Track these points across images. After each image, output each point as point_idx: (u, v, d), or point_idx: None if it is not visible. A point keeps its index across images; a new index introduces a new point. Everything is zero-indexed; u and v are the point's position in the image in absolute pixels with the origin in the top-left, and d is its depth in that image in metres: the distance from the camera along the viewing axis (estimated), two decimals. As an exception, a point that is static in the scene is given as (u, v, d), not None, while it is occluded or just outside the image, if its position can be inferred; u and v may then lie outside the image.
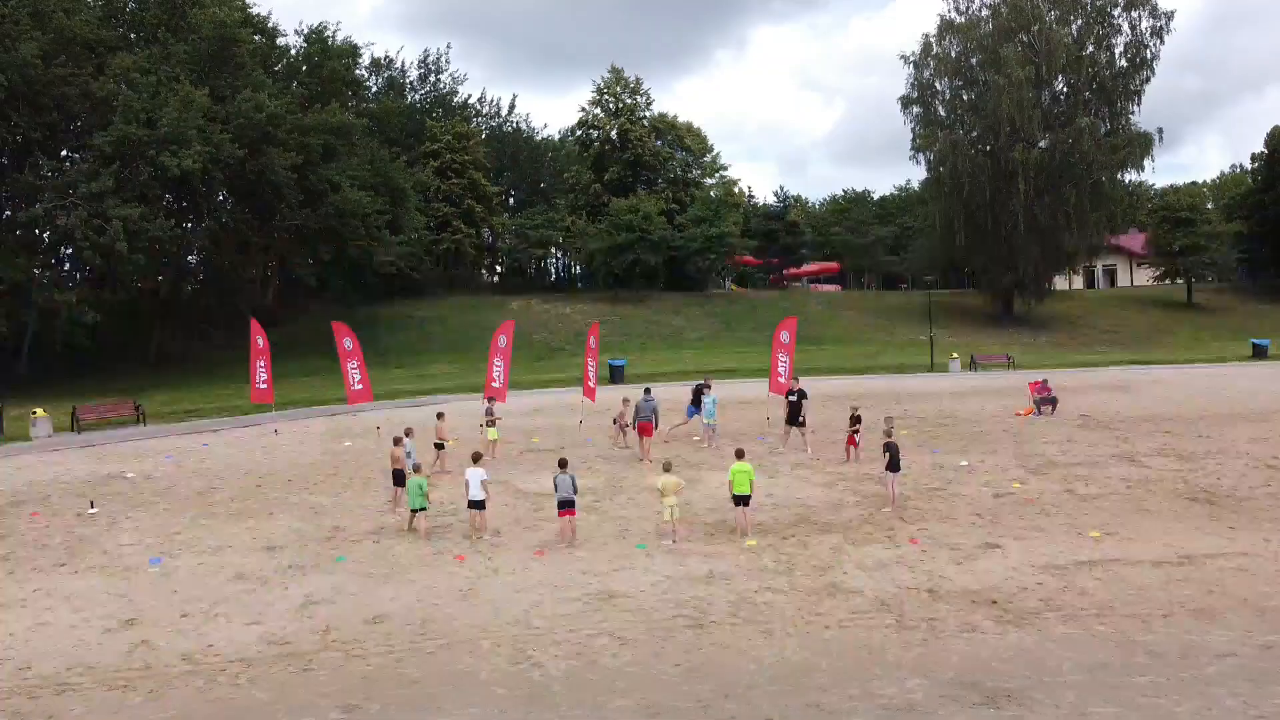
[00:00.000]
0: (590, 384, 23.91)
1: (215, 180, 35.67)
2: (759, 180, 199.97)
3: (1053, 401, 25.19)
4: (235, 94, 36.90)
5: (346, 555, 13.32)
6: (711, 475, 18.29)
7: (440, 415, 19.41)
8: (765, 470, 18.40)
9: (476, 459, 14.42)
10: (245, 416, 27.86)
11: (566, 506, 13.61)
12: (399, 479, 15.72)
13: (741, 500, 13.89)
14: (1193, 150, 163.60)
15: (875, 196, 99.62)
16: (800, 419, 20.64)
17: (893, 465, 15.45)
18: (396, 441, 16.23)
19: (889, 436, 15.99)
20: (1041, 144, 52.42)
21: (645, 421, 20.22)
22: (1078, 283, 74.16)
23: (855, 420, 19.47)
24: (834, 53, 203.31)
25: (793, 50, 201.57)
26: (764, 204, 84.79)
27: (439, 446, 18.98)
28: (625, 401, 21.67)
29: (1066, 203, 51.82)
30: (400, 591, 11.66)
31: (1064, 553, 12.68)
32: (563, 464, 13.91)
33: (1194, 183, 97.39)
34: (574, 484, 13.71)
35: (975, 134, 54.99)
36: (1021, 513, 14.93)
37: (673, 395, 32.66)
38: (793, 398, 20.64)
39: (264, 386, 24.00)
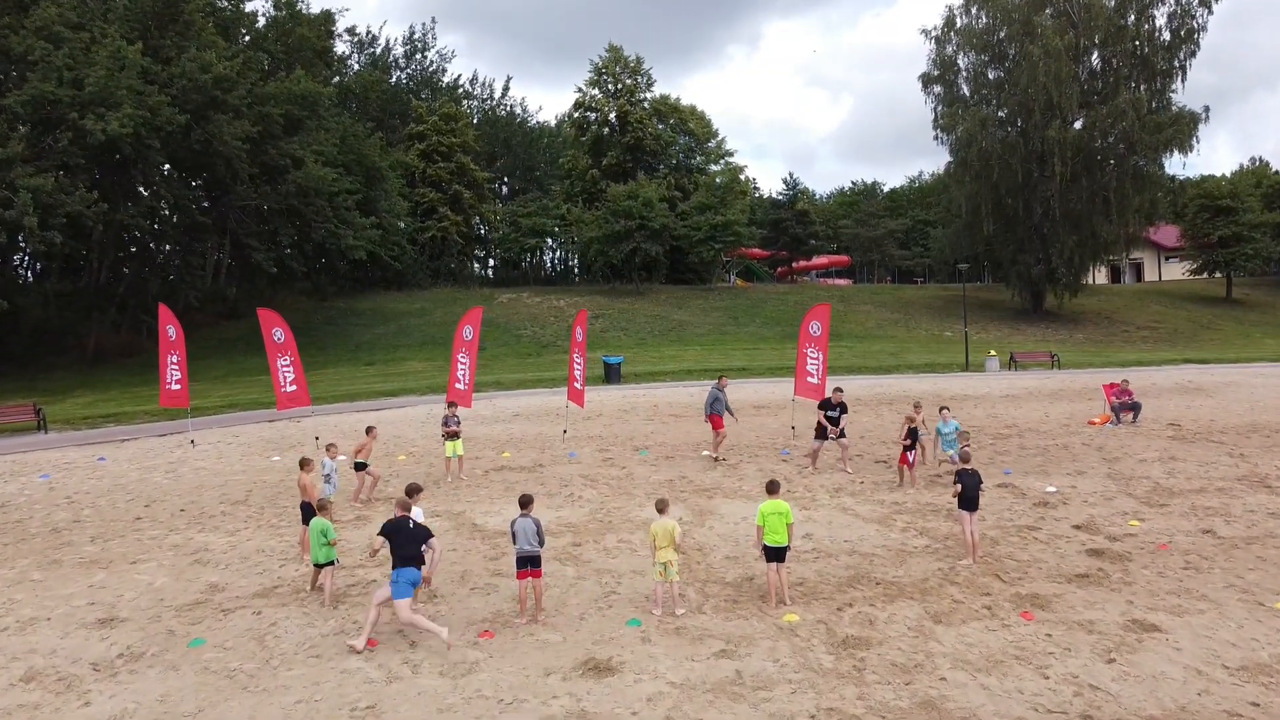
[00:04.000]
0: (577, 385, 19.72)
1: (151, 149, 31.32)
2: (765, 178, 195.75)
3: (1135, 408, 21.00)
4: (181, 54, 32.56)
5: (208, 636, 9.20)
6: (727, 505, 14.19)
7: (370, 430, 15.16)
8: (796, 498, 14.29)
9: (412, 493, 10.27)
10: (170, 422, 23.72)
11: (528, 564, 9.50)
12: (309, 514, 11.65)
13: (775, 554, 9.80)
14: (1204, 146, 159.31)
15: (886, 189, 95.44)
16: (835, 433, 16.47)
17: (968, 502, 11.29)
18: (305, 464, 12.07)
19: (965, 461, 11.82)
20: (1076, 124, 48.12)
21: (715, 414, 17.51)
22: (1101, 277, 69.91)
23: (910, 434, 15.25)
24: (842, 49, 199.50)
25: (802, 46, 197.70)
26: (771, 195, 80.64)
27: (359, 468, 14.78)
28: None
29: (1106, 187, 47.53)
30: (260, 709, 7.54)
31: (1257, 640, 8.57)
32: (525, 503, 9.78)
33: (1210, 176, 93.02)
34: (539, 531, 9.59)
35: (1004, 114, 50.67)
36: (1160, 567, 10.81)
37: (672, 395, 28.56)
38: (833, 412, 16.46)
39: (177, 387, 19.74)
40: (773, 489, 10.16)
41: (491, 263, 74.73)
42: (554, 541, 12.16)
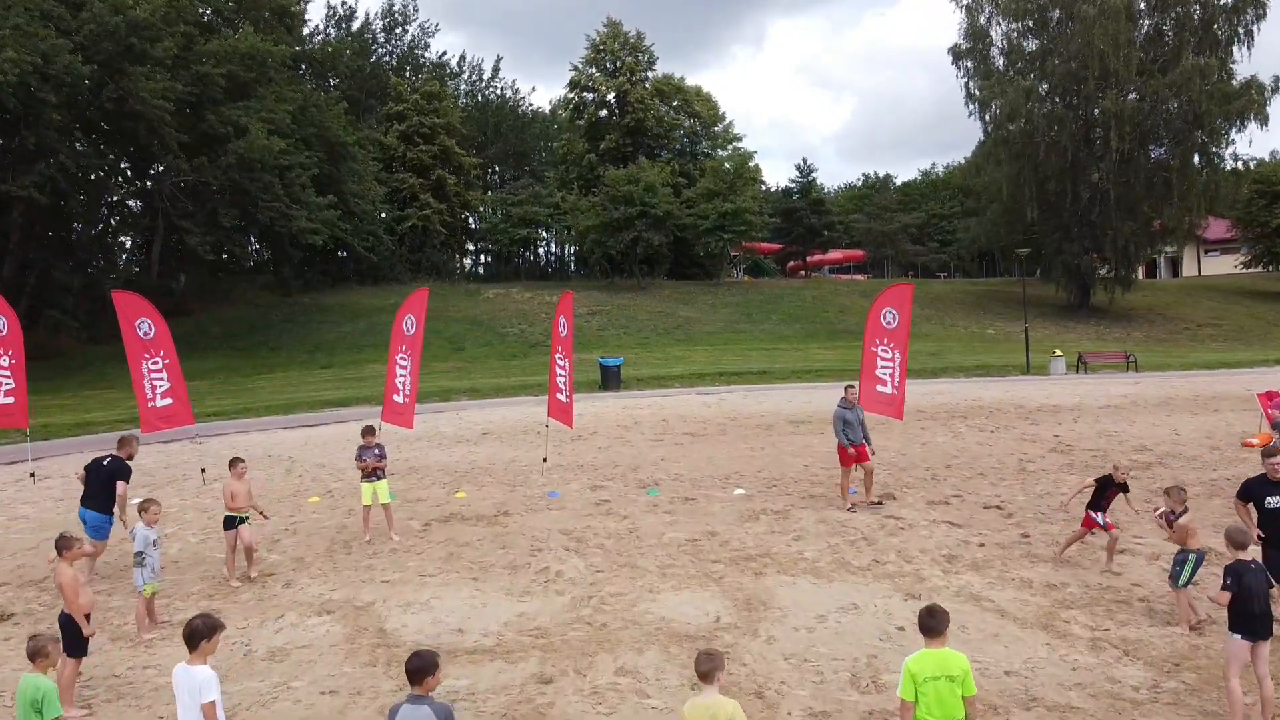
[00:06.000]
0: (560, 397, 14.53)
1: (45, 104, 26.04)
2: (770, 177, 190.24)
3: (1306, 424, 15.83)
4: (95, -2, 27.28)
5: None
6: (786, 589, 8.98)
7: (234, 463, 9.93)
8: (887, 575, 9.07)
9: (195, 640, 5.02)
10: (41, 443, 18.56)
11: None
12: (71, 636, 6.63)
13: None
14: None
15: (898, 181, 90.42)
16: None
17: (1252, 622, 6.18)
18: (65, 546, 6.94)
19: (1239, 547, 6.65)
20: (1130, 96, 42.90)
21: (861, 445, 12.21)
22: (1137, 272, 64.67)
23: (1113, 486, 9.62)
24: (846, 47, 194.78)
25: (805, 45, 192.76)
26: (781, 186, 75.63)
27: (230, 524, 9.62)
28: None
29: (1166, 166, 42.30)
30: None
31: None
32: (417, 673, 4.61)
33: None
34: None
35: (1045, 87, 45.46)
36: None
37: (684, 406, 23.31)
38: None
39: (9, 400, 14.63)
40: (933, 626, 5.03)
41: (484, 259, 69.69)
42: (508, 674, 7.05)
